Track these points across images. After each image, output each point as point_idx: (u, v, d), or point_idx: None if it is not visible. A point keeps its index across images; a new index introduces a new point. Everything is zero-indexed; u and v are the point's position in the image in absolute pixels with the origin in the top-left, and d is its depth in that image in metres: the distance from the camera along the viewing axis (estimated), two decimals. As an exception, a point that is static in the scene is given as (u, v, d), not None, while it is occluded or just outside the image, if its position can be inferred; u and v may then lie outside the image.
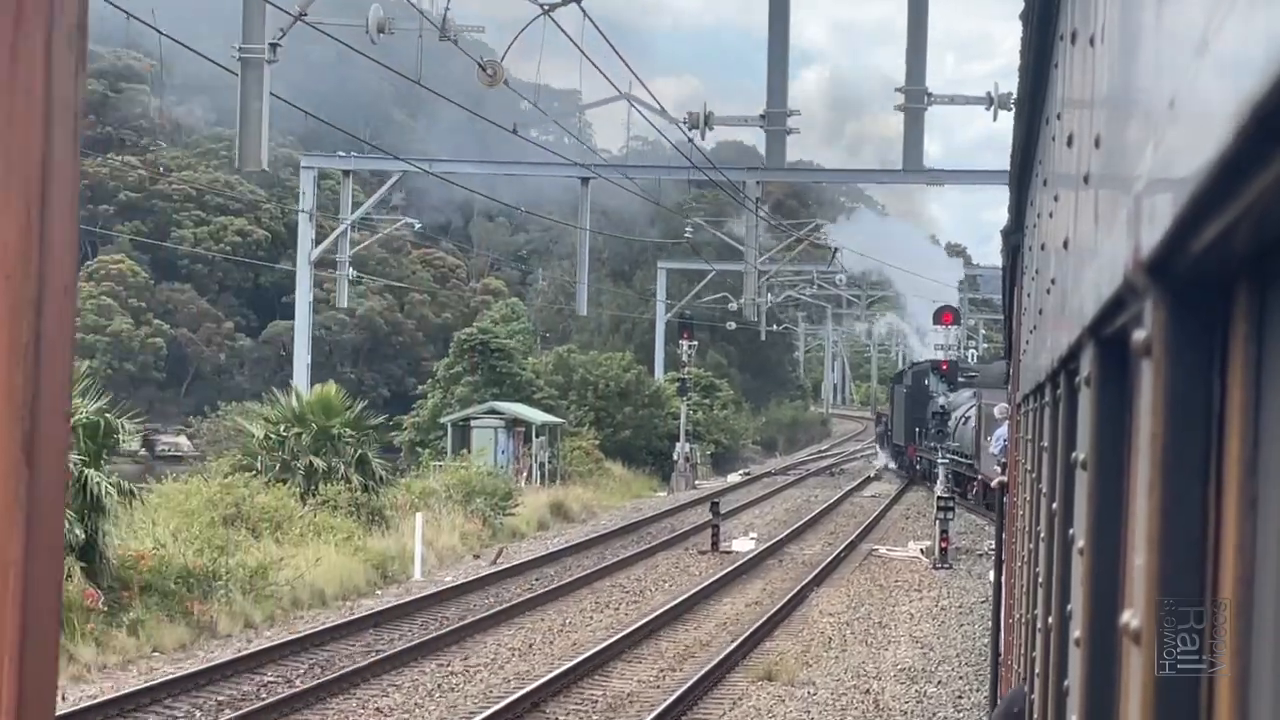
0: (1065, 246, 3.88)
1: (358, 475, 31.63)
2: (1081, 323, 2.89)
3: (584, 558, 32.47)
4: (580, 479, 49.40)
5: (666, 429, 59.07)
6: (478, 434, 46.99)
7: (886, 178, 51.84)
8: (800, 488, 56.26)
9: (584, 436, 54.01)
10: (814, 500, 49.28)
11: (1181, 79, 1.63)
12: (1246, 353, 1.57)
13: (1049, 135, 5.65)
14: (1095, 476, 2.73)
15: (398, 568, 28.61)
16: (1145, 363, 1.87)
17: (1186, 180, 1.49)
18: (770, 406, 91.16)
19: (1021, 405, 8.29)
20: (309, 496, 30.16)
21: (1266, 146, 1.26)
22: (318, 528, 28.09)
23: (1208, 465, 1.73)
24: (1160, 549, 1.78)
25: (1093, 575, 2.69)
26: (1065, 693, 3.32)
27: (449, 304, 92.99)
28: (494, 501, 36.00)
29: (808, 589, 27.67)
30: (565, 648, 21.86)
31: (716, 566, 30.80)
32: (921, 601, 26.97)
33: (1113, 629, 2.44)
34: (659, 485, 55.60)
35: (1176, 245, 1.65)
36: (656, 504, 47.79)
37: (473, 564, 30.91)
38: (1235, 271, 1.59)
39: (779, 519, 42.73)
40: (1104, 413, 2.70)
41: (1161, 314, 1.78)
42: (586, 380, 59.21)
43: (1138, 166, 1.97)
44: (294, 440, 31.62)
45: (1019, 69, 7.54)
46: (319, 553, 26.33)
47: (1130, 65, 2.30)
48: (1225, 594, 1.60)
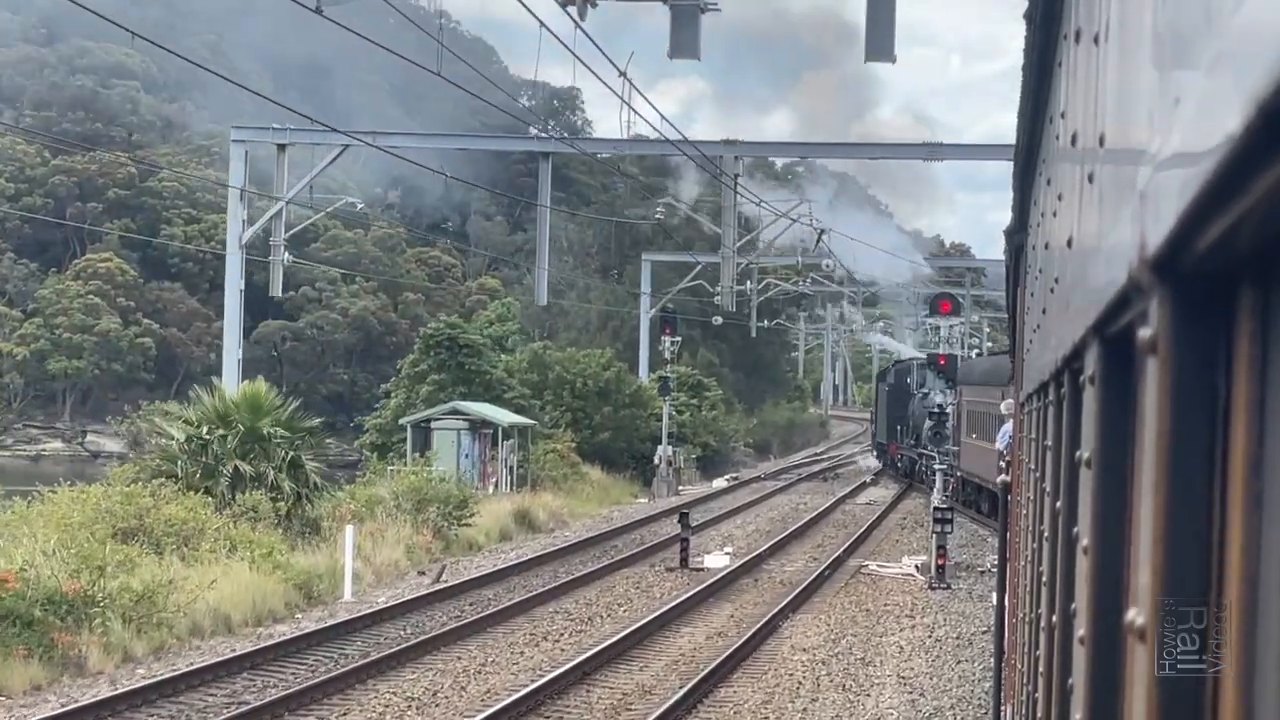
0: (1069, 245, 3.91)
1: (289, 481, 28.76)
2: (1085, 321, 2.91)
3: (535, 575, 29.42)
4: (554, 484, 46.60)
5: (649, 431, 56.64)
6: (439, 436, 43.64)
7: (880, 152, 49.98)
8: (790, 494, 53.50)
9: (559, 439, 51.36)
10: (803, 508, 46.37)
11: (1187, 76, 1.65)
12: (1252, 350, 1.58)
13: (1052, 134, 5.68)
14: (1099, 475, 2.76)
15: (326, 587, 25.64)
16: (1151, 360, 1.90)
17: (1192, 177, 1.51)
18: (766, 408, 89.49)
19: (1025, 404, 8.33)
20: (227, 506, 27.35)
21: (1273, 143, 1.28)
22: (234, 541, 25.14)
23: (1213, 463, 1.75)
24: (1165, 547, 1.80)
25: (1097, 574, 2.72)
26: (1070, 691, 3.35)
27: (444, 304, 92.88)
28: (447, 511, 33.12)
29: (782, 616, 24.49)
30: (476, 697, 18.25)
31: (683, 586, 27.89)
32: (914, 630, 23.78)
33: (1117, 627, 2.46)
34: (640, 491, 53.05)
35: (1182, 243, 1.67)
36: (634, 512, 44.98)
37: (416, 581, 28.09)
38: (1241, 268, 1.61)
39: (762, 529, 39.74)
40: (1108, 411, 2.72)
41: (1167, 311, 1.80)
42: (563, 379, 56.87)
43: (1143, 164, 1.99)
44: (218, 443, 28.64)
45: (1022, 68, 7.57)
46: (232, 571, 23.51)
47: (1135, 63, 2.32)
48: (1230, 592, 1.62)
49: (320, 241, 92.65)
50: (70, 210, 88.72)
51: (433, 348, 53.01)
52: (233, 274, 41.90)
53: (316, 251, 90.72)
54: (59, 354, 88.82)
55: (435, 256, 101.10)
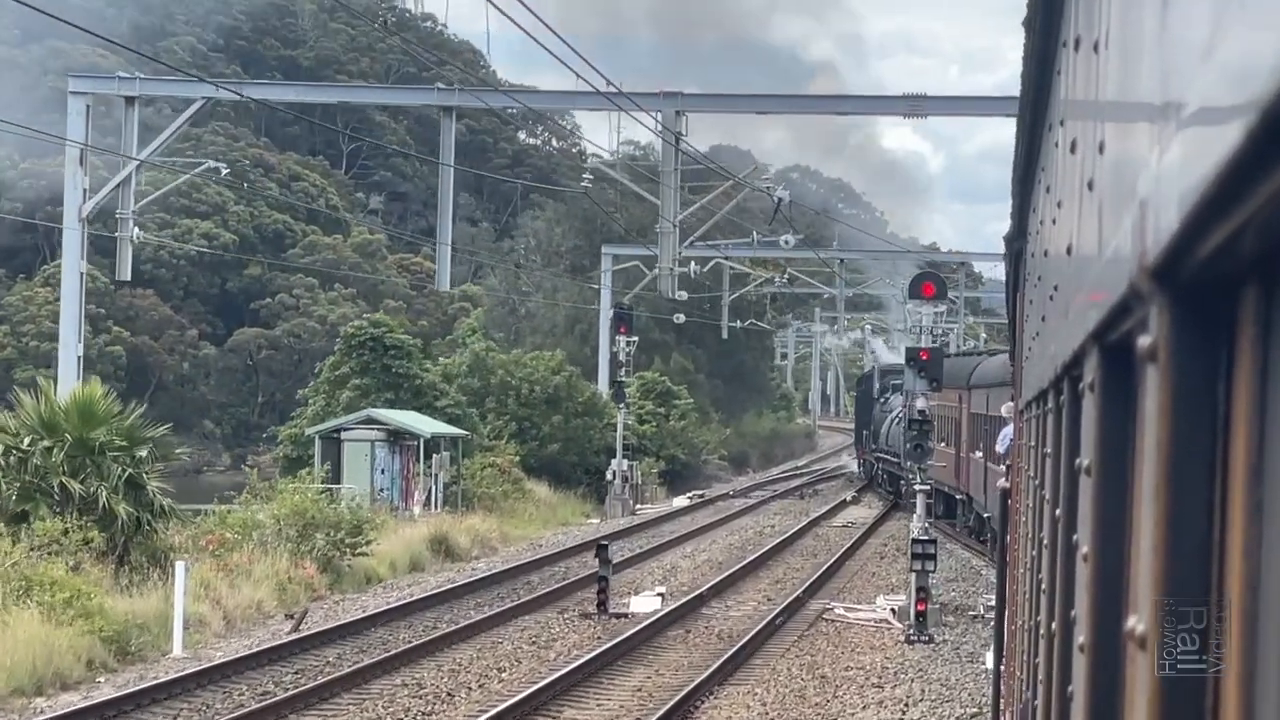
0: (1069, 252, 3.97)
1: (125, 505, 24.34)
2: (1085, 328, 2.96)
3: (411, 624, 24.55)
4: (493, 504, 42.32)
5: (604, 443, 52.07)
6: (349, 449, 39.25)
7: (851, 106, 44.98)
8: (758, 514, 48.82)
9: (501, 451, 46.89)
10: (769, 531, 41.88)
11: (1187, 84, 1.69)
12: (1253, 357, 1.61)
13: (1052, 142, 5.74)
14: (1099, 482, 2.81)
15: (153, 639, 21.45)
16: (1151, 368, 1.93)
17: (1193, 185, 1.55)
18: (747, 418, 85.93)
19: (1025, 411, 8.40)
20: (23, 538, 22.74)
21: (1274, 150, 1.31)
22: (27, 583, 20.61)
23: (1213, 470, 1.78)
24: (1166, 554, 1.84)
25: (1097, 581, 2.77)
26: (1069, 699, 3.39)
27: (426, 311, 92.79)
28: (337, 538, 28.88)
29: (705, 690, 19.07)
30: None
31: (592, 641, 23.03)
32: (881, 709, 18.55)
33: (1117, 634, 2.50)
34: (594, 510, 48.79)
35: (1183, 250, 1.70)
36: (580, 534, 40.64)
37: (278, 629, 23.89)
38: (1242, 276, 1.64)
39: (714, 560, 34.81)
40: (1108, 418, 2.78)
41: (1167, 319, 1.84)
42: (507, 384, 52.52)
43: (1143, 171, 2.03)
44: (41, 456, 24.43)
45: (1021, 75, 7.63)
46: (14, 622, 19.19)
47: (1135, 70, 2.37)
48: (1231, 599, 1.65)
49: (298, 247, 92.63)
50: (40, 215, 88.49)
51: (355, 348, 48.53)
52: (71, 252, 35.69)
53: (295, 258, 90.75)
54: (25, 363, 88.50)
55: (418, 263, 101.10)
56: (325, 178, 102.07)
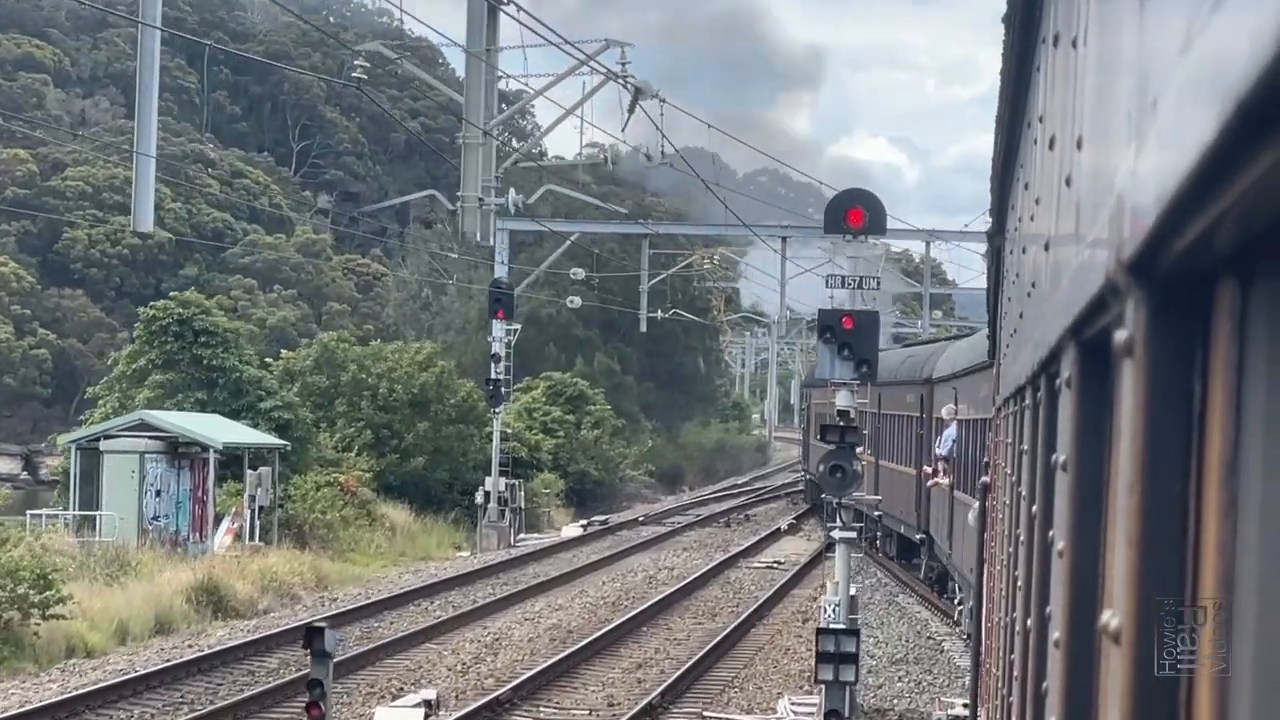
0: (1046, 248, 4.07)
1: None
2: (1062, 324, 3.06)
3: None
4: (329, 534, 35.79)
5: (485, 456, 44.11)
6: (110, 461, 32.33)
7: None
8: (663, 547, 41.04)
9: (349, 466, 40.25)
10: (665, 575, 34.28)
11: (1164, 79, 1.76)
12: (1228, 352, 1.68)
13: (1030, 139, 5.86)
14: (1076, 478, 2.90)
15: None
16: (1127, 363, 2.01)
17: (1169, 179, 1.61)
18: (690, 428, 78.70)
19: (1002, 409, 8.53)
20: None
21: (1249, 145, 1.37)
22: None
23: (1189, 465, 1.85)
24: (1141, 549, 1.91)
25: (1072, 577, 2.86)
26: (1044, 695, 3.47)
27: (372, 314, 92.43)
28: (15, 594, 22.63)
29: None
30: None
31: None
32: None
33: (1092, 630, 2.58)
34: (466, 539, 42.00)
35: (1159, 244, 1.77)
36: (433, 573, 33.91)
37: None
38: (1218, 270, 1.71)
39: (566, 623, 26.70)
40: (1085, 414, 2.87)
41: (1143, 314, 1.91)
42: (361, 382, 44.49)
43: (1120, 166, 2.10)
44: None
45: (1000, 73, 7.75)
46: None
47: (1113, 66, 2.45)
48: (1206, 594, 1.72)
49: (237, 246, 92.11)
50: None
51: (157, 335, 39.96)
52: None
53: (234, 258, 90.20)
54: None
55: (364, 265, 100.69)
56: (270, 174, 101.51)
